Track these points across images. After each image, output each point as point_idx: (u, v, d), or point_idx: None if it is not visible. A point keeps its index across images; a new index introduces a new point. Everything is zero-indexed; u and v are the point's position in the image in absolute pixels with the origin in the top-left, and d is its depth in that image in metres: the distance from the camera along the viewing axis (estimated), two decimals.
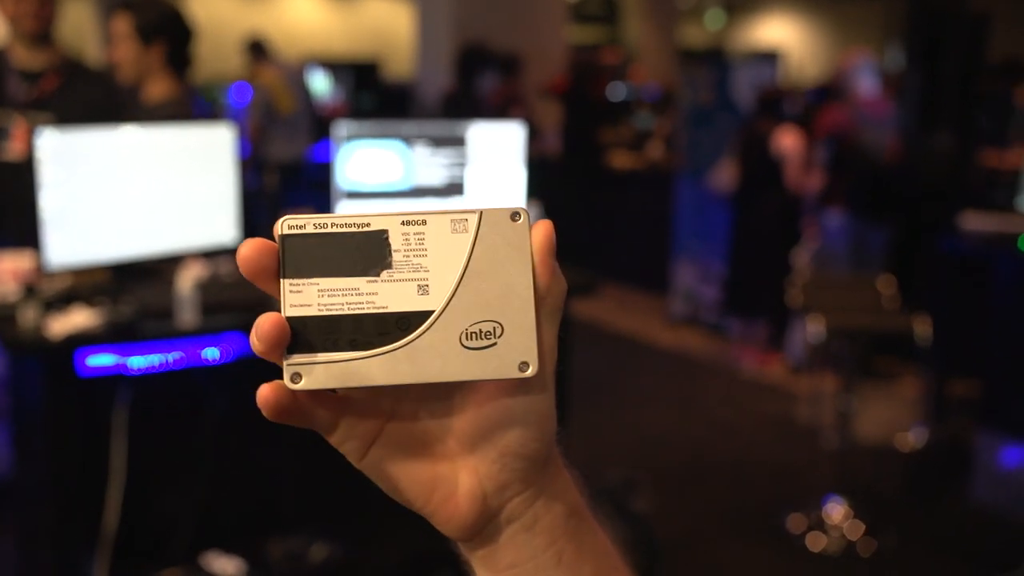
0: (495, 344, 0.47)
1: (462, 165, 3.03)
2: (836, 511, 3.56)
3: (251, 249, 0.46)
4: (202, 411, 2.56)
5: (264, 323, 0.45)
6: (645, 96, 9.50)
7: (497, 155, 3.07)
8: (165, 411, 2.56)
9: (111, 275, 2.57)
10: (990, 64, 5.75)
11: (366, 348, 0.46)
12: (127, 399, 2.39)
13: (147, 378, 2.41)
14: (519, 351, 0.47)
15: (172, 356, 2.42)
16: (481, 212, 0.48)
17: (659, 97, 9.23)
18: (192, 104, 3.15)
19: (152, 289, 2.52)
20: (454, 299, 0.47)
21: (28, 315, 2.30)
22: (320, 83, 9.32)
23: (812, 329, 3.61)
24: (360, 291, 0.47)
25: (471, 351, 0.47)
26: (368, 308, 0.47)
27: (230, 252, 2.82)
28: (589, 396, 4.69)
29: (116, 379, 2.38)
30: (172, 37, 2.99)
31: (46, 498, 2.49)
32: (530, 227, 0.48)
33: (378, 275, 0.47)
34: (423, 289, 0.47)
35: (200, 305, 2.43)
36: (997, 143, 5.61)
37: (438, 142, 3.01)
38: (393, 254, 0.47)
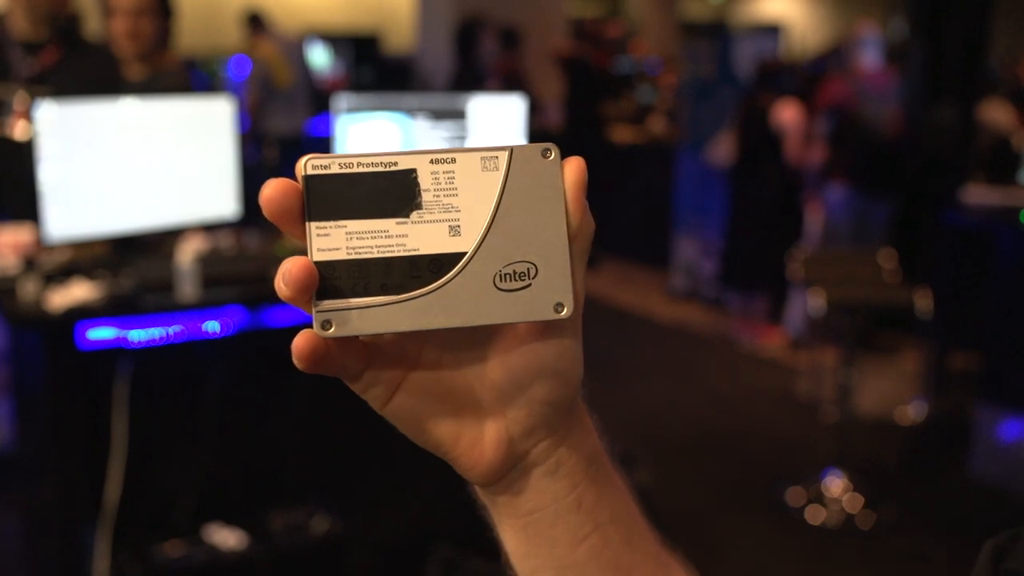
0: (529, 285, 0.46)
1: (463, 138, 3.02)
2: (835, 484, 3.57)
3: (274, 189, 0.44)
4: (203, 384, 2.56)
5: (292, 267, 0.43)
6: (647, 70, 9.44)
7: (498, 128, 3.06)
8: (166, 384, 2.57)
9: (111, 248, 2.57)
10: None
11: (398, 292, 0.45)
12: (128, 372, 2.40)
13: (148, 351, 2.42)
14: (554, 291, 0.46)
15: (172, 329, 2.42)
16: (512, 149, 0.46)
17: (660, 70, 9.18)
18: (186, 77, 3.16)
19: (152, 262, 2.52)
20: (487, 239, 0.46)
21: (28, 288, 2.30)
22: (320, 56, 9.26)
23: (813, 303, 3.61)
24: (390, 233, 0.45)
25: (505, 293, 0.46)
26: (399, 251, 0.45)
27: (230, 225, 2.82)
28: (589, 370, 4.67)
29: (117, 352, 2.38)
30: (170, 9, 3.01)
31: (48, 471, 2.50)
32: (561, 164, 0.47)
33: (408, 216, 0.45)
34: (454, 230, 0.46)
35: (200, 278, 2.42)
36: None
37: (438, 115, 2.99)
38: (423, 194, 0.46)
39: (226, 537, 2.53)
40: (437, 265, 0.45)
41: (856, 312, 3.67)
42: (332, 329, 0.44)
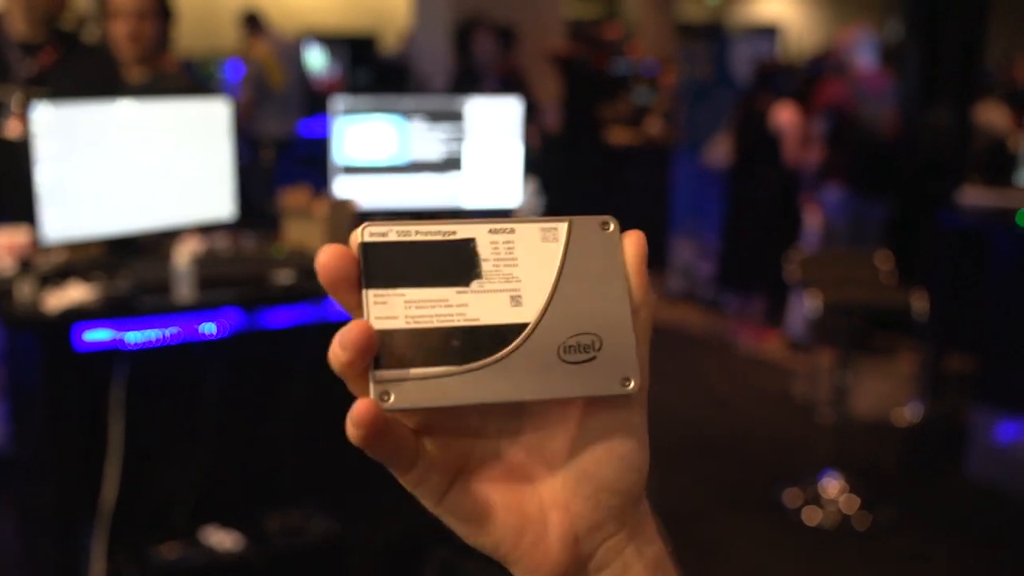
0: (595, 358, 0.44)
1: (459, 140, 3.02)
2: (832, 486, 3.58)
3: (330, 256, 0.42)
4: (199, 386, 2.56)
5: (350, 331, 0.41)
6: (643, 71, 9.45)
7: (495, 130, 3.06)
8: (162, 386, 2.56)
9: (107, 250, 2.56)
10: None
11: (460, 363, 0.43)
12: (124, 374, 2.39)
13: (144, 353, 2.41)
14: (620, 365, 0.45)
15: (169, 331, 2.42)
16: (571, 221, 0.46)
17: (657, 71, 9.19)
18: (187, 78, 3.15)
19: (149, 264, 2.52)
20: (549, 310, 0.44)
21: (24, 290, 2.30)
22: (316, 58, 9.26)
23: (810, 304, 3.61)
24: (449, 302, 0.44)
25: (570, 366, 0.44)
26: (459, 321, 0.43)
27: (227, 227, 2.82)
28: None
29: (113, 354, 2.37)
30: (168, 11, 3.00)
31: (45, 473, 2.50)
32: (620, 236, 0.46)
33: (468, 285, 0.44)
34: (516, 300, 0.44)
35: (197, 280, 2.42)
36: None
37: (435, 117, 2.99)
38: (482, 263, 0.45)
39: (223, 539, 2.53)
40: (499, 336, 0.44)
41: (853, 314, 3.67)
42: (391, 400, 0.42)
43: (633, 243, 0.46)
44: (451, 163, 3.02)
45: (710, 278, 6.05)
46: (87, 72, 3.02)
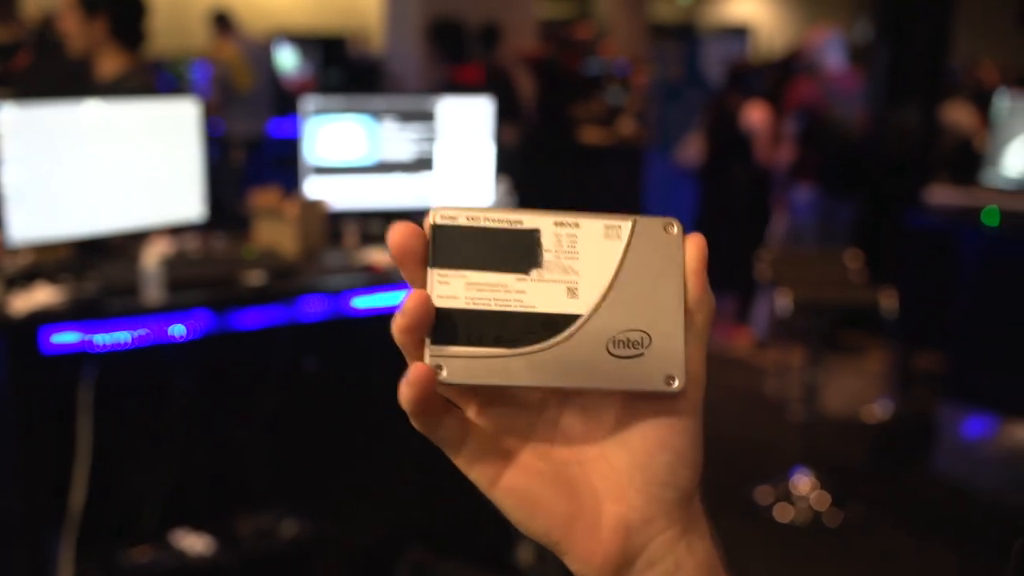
0: (642, 355, 0.46)
1: (431, 140, 3.01)
2: (803, 483, 3.61)
3: (402, 233, 0.45)
4: (169, 388, 2.54)
5: (409, 299, 0.44)
6: (616, 71, 9.47)
7: (466, 130, 3.06)
8: (132, 389, 2.54)
9: (75, 251, 2.53)
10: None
11: (511, 346, 0.45)
12: (92, 377, 2.37)
13: (113, 356, 2.39)
14: (666, 363, 0.46)
15: (138, 333, 2.40)
16: (635, 220, 0.48)
17: (629, 71, 9.22)
18: (151, 78, 3.10)
19: (117, 266, 2.49)
20: (603, 305, 0.46)
21: None
22: (288, 58, 9.21)
23: (780, 303, 3.64)
24: (508, 288, 0.46)
25: (617, 359, 0.46)
26: (515, 306, 0.46)
27: (197, 228, 2.80)
28: None
29: (81, 357, 2.35)
30: (117, 10, 2.93)
31: (11, 477, 2.47)
32: (683, 239, 0.48)
33: (527, 273, 0.46)
34: (572, 292, 0.46)
35: (166, 282, 2.40)
36: None
37: (407, 117, 2.98)
38: (544, 254, 0.47)
39: (193, 542, 2.51)
40: (552, 324, 0.46)
41: (823, 312, 3.70)
42: (444, 374, 0.45)
43: (694, 246, 0.48)
44: (423, 163, 3.02)
45: None
46: (57, 71, 2.98)
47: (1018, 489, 3.69)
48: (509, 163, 3.26)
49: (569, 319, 0.46)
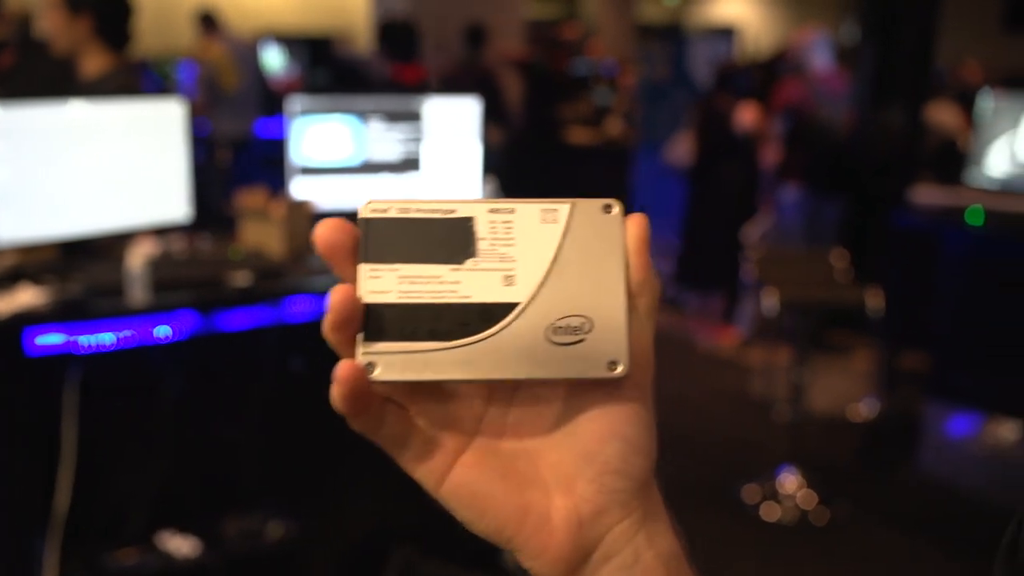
0: (583, 340, 0.44)
1: (417, 140, 3.01)
2: (790, 482, 3.62)
3: (329, 229, 0.44)
4: (155, 390, 2.53)
5: (333, 296, 0.42)
6: (603, 72, 9.49)
7: (453, 130, 3.06)
8: (117, 390, 2.53)
9: (59, 252, 2.52)
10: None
11: (447, 339, 0.44)
12: (77, 378, 2.36)
13: (98, 357, 2.38)
14: (609, 348, 0.44)
15: (123, 334, 2.39)
16: (573, 203, 0.46)
17: (617, 72, 9.23)
18: (136, 78, 3.08)
19: (102, 266, 2.48)
20: (541, 291, 0.45)
21: None
22: (274, 58, 9.18)
23: (766, 302, 3.65)
24: (442, 279, 0.45)
25: (557, 347, 0.44)
26: (450, 297, 0.44)
27: (182, 229, 2.79)
28: None
29: (66, 358, 2.34)
30: (101, 8, 2.91)
31: None
32: (623, 220, 0.46)
33: (462, 263, 0.45)
34: (509, 280, 0.45)
35: (152, 282, 2.39)
36: None
37: (393, 117, 2.98)
38: (479, 242, 0.45)
39: (180, 544, 2.50)
40: (489, 314, 0.44)
41: (809, 312, 3.72)
42: (377, 371, 0.43)
43: (635, 226, 0.46)
44: (409, 164, 3.01)
45: (669, 277, 6.10)
46: (41, 71, 2.96)
47: (1002, 487, 3.71)
48: (496, 164, 3.26)
49: (506, 308, 0.44)
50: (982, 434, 3.95)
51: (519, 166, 6.64)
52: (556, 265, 0.45)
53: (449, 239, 0.45)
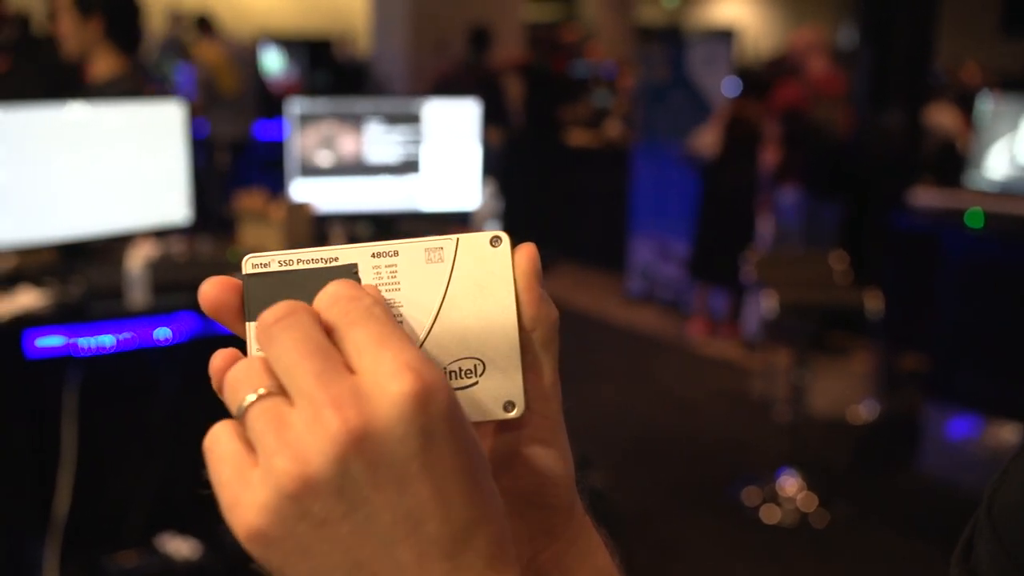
0: (476, 383, 0.43)
1: (417, 142, 3.01)
2: (790, 484, 3.62)
3: (213, 288, 0.43)
4: (154, 392, 2.53)
5: (214, 360, 0.43)
6: (602, 74, 9.49)
7: (453, 132, 3.06)
8: (117, 392, 2.53)
9: (59, 255, 2.52)
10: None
11: None
12: (77, 381, 2.36)
13: (98, 359, 2.38)
14: (503, 390, 0.44)
15: (123, 337, 2.39)
16: (458, 239, 0.44)
17: (616, 74, 9.24)
18: (143, 82, 3.08)
19: (101, 269, 2.48)
20: (430, 336, 0.43)
21: None
22: (274, 60, 9.19)
23: (766, 304, 3.65)
24: None
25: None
26: None
27: (182, 231, 2.79)
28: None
29: (66, 360, 2.34)
30: (112, 11, 2.91)
31: None
32: (511, 252, 0.45)
33: None
34: None
35: (151, 285, 2.39)
36: None
37: (393, 119, 2.98)
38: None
39: (179, 547, 2.50)
40: None
41: (808, 314, 3.72)
42: None
43: (523, 258, 0.44)
44: (409, 166, 3.02)
45: (670, 279, 6.10)
46: (39, 73, 2.96)
47: None
48: (495, 165, 3.26)
49: None
50: (982, 436, 3.95)
51: (519, 168, 6.64)
52: (444, 307, 0.44)
53: None
